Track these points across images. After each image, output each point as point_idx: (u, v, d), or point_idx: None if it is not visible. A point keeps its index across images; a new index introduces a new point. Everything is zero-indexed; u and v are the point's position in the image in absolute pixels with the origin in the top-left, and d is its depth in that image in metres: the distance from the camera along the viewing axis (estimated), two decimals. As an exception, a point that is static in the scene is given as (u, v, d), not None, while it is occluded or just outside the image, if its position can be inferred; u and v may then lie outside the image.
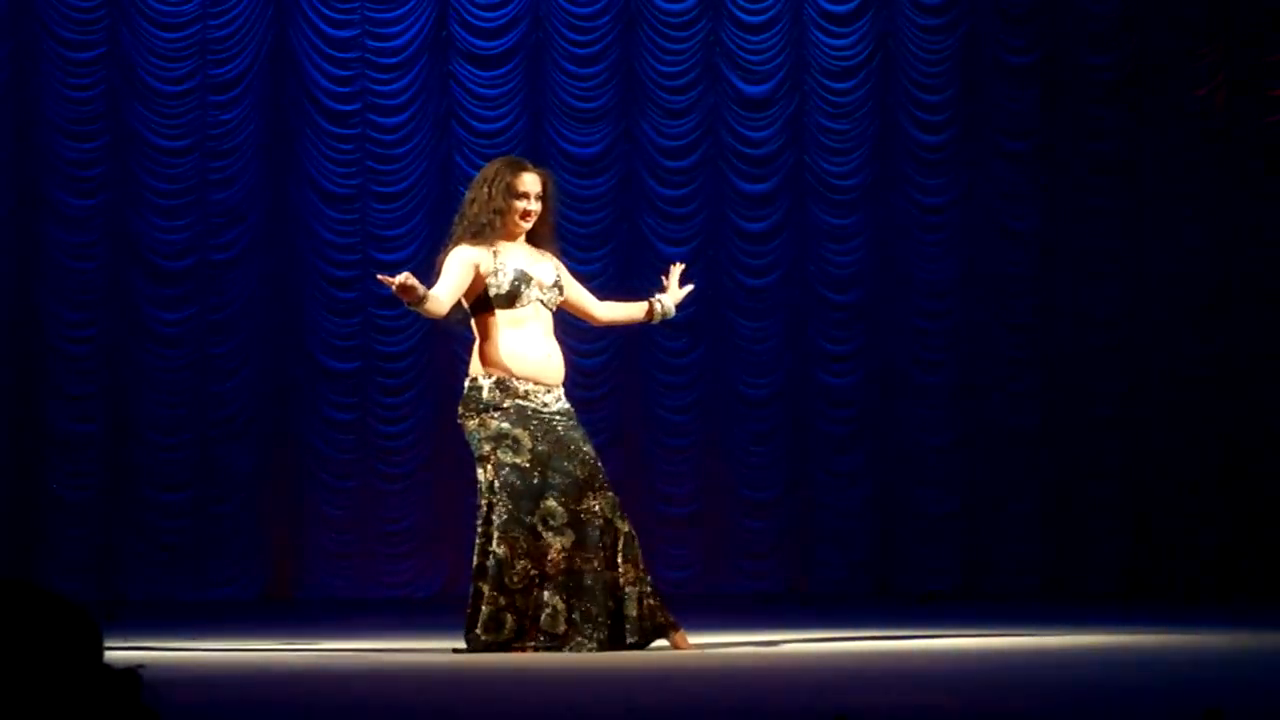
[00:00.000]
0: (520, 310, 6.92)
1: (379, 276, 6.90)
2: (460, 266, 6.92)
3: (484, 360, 6.91)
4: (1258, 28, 12.44)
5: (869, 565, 12.32)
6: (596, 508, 6.82)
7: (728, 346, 12.35)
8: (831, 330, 12.46)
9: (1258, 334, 12.38)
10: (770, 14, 12.41)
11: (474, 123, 12.13)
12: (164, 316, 11.82)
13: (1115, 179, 12.44)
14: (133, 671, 2.67)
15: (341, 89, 12.05)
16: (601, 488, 6.85)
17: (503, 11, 12.22)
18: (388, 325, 12.00)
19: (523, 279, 6.92)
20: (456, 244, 6.98)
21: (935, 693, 5.44)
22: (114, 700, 2.62)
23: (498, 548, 6.77)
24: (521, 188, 6.99)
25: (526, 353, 6.91)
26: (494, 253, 6.93)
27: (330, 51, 12.05)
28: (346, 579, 11.86)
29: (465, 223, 7.01)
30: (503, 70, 12.21)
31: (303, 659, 6.96)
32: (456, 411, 6.92)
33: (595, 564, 6.79)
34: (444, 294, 6.86)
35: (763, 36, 12.42)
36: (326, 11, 12.04)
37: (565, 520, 6.79)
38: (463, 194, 7.19)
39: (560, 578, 6.75)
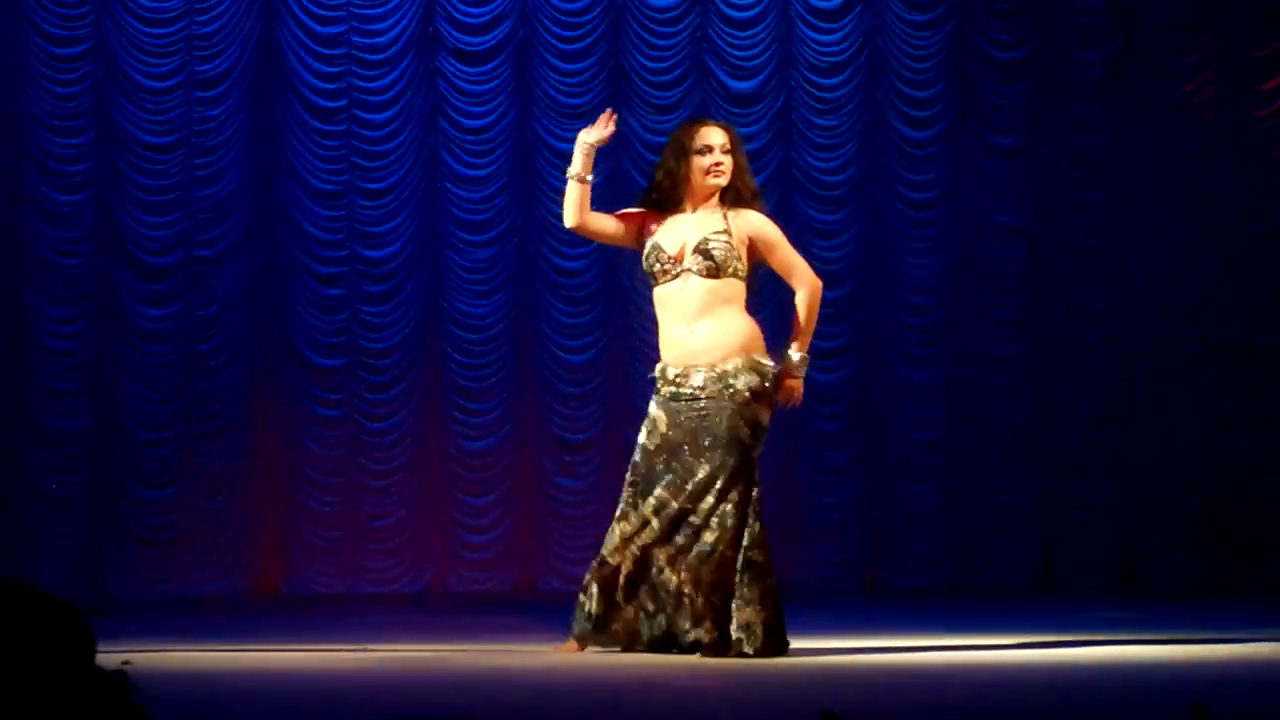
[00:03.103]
0: (664, 288, 6.64)
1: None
2: (625, 215, 6.78)
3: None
4: (1246, 23, 12.44)
5: (856, 561, 12.30)
6: (705, 509, 6.45)
7: (715, 342, 12.31)
8: (819, 326, 12.39)
9: (1246, 330, 12.38)
10: (758, 9, 12.39)
11: (461, 118, 12.10)
12: (150, 312, 11.78)
13: (1104, 174, 12.44)
14: (119, 670, 2.65)
15: (328, 85, 12.01)
16: (722, 492, 6.44)
17: (489, 7, 12.18)
18: (374, 321, 11.97)
19: (654, 252, 6.65)
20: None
21: (923, 690, 5.43)
22: (101, 698, 2.60)
23: (615, 523, 6.56)
24: (701, 142, 6.75)
25: (669, 334, 6.65)
26: (657, 221, 6.69)
27: (316, 47, 12.01)
28: (333, 575, 11.83)
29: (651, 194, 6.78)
30: (489, 66, 12.18)
31: (290, 656, 6.94)
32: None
33: (662, 559, 6.50)
34: (598, 215, 6.76)
35: (750, 32, 12.40)
36: (313, 7, 12.00)
37: (674, 513, 6.46)
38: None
39: (636, 571, 6.49)
